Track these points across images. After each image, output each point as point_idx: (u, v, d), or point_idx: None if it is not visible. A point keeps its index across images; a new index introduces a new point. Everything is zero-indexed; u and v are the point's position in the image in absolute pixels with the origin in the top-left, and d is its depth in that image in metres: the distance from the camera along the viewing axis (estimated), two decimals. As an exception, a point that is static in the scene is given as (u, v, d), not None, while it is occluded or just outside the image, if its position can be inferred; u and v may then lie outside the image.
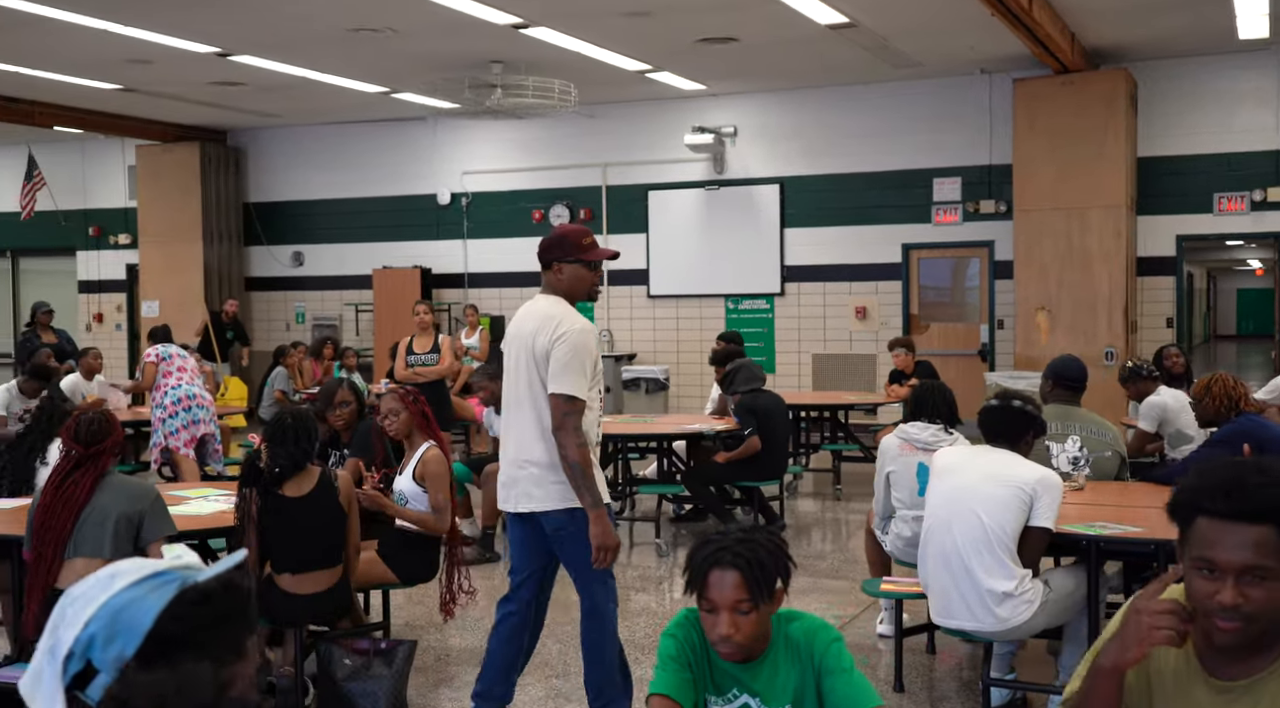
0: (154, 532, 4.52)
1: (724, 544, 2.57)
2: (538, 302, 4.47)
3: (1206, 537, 2.07)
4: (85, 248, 17.60)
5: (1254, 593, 2.05)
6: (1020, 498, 4.40)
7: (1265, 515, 2.04)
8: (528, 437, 4.33)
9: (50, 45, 11.38)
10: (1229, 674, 2.17)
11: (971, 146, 13.48)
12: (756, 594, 2.53)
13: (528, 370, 4.31)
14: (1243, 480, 2.07)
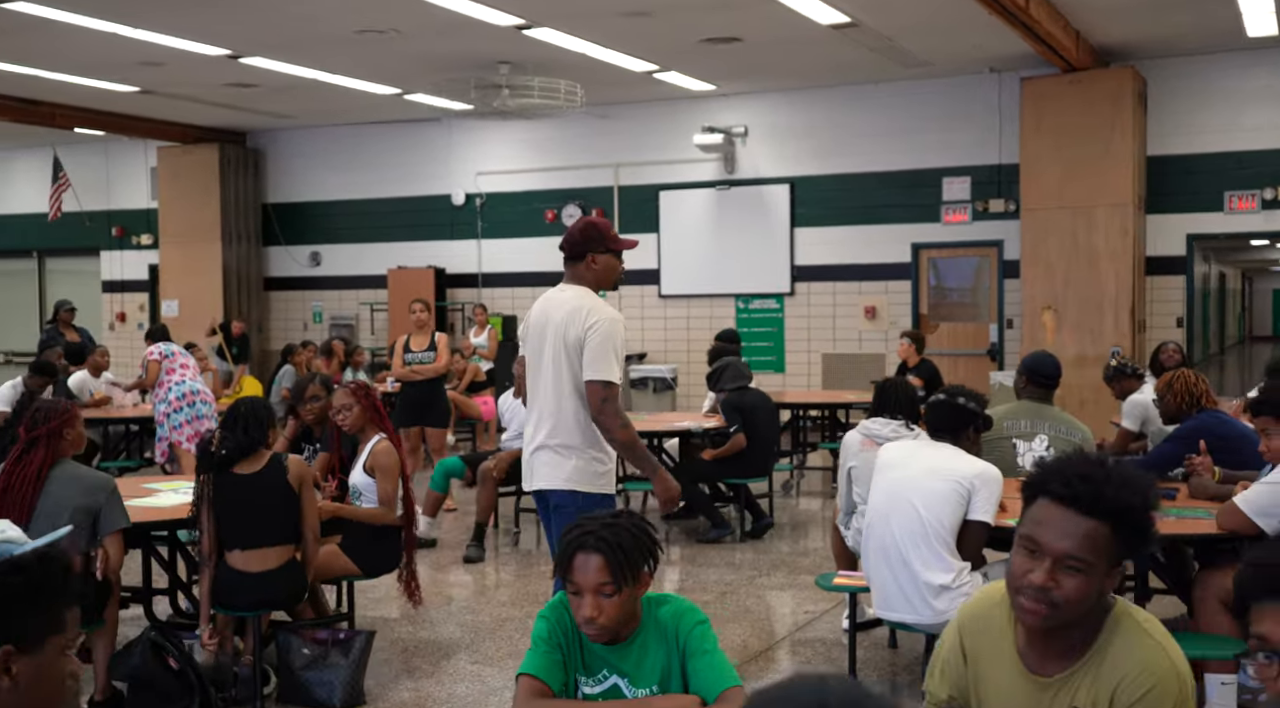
0: (110, 523, 4.63)
1: (589, 529, 2.64)
2: (565, 291, 4.62)
3: (1040, 517, 2.13)
4: (109, 248, 17.87)
5: (1067, 582, 2.10)
6: (958, 492, 4.42)
7: (1100, 512, 2.09)
8: (558, 422, 4.51)
9: (63, 48, 11.59)
10: (1046, 671, 2.24)
11: (981, 146, 13.45)
12: (619, 578, 2.59)
13: (555, 358, 4.50)
14: (1091, 475, 2.12)
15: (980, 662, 2.34)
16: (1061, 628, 2.19)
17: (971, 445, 4.66)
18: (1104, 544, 2.12)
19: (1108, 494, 2.11)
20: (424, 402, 9.40)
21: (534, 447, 4.57)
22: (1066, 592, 2.11)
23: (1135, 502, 2.14)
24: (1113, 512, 2.11)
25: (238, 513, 4.82)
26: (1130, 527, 2.15)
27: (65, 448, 4.68)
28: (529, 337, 4.68)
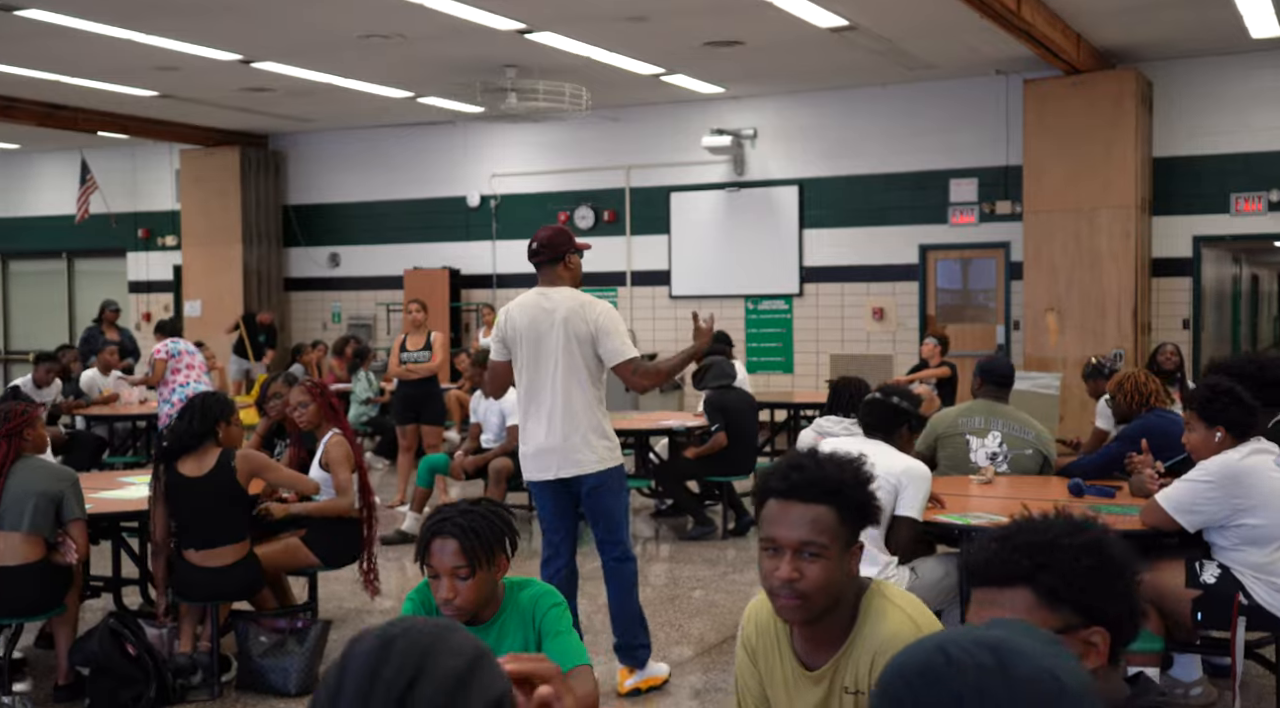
0: (74, 511, 4.84)
1: (446, 516, 2.79)
2: (553, 294, 5.03)
3: (770, 516, 2.24)
4: (135, 249, 18.22)
5: (809, 570, 2.20)
6: (885, 488, 4.51)
7: (820, 496, 2.20)
8: (581, 410, 4.92)
9: (80, 53, 11.86)
10: (816, 663, 2.36)
11: (988, 148, 13.49)
12: (474, 561, 2.73)
13: (567, 354, 4.92)
14: (802, 464, 2.24)
15: (766, 669, 2.46)
16: (822, 618, 2.30)
17: (905, 444, 4.76)
18: (831, 525, 2.22)
19: (820, 478, 2.22)
20: (420, 400, 9.57)
21: (559, 438, 4.93)
22: (811, 579, 2.21)
23: (847, 479, 2.25)
24: (829, 493, 2.22)
25: (190, 515, 4.99)
26: (850, 504, 2.26)
27: (26, 446, 4.88)
28: (520, 339, 4.99)
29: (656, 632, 5.73)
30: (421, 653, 1.21)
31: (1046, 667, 1.23)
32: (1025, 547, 1.79)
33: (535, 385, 4.99)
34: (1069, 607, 1.76)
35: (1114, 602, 1.77)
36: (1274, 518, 4.30)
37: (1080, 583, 1.76)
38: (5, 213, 19.20)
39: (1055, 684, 1.21)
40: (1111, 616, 1.77)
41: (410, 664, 1.20)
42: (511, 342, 5.07)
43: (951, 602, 4.76)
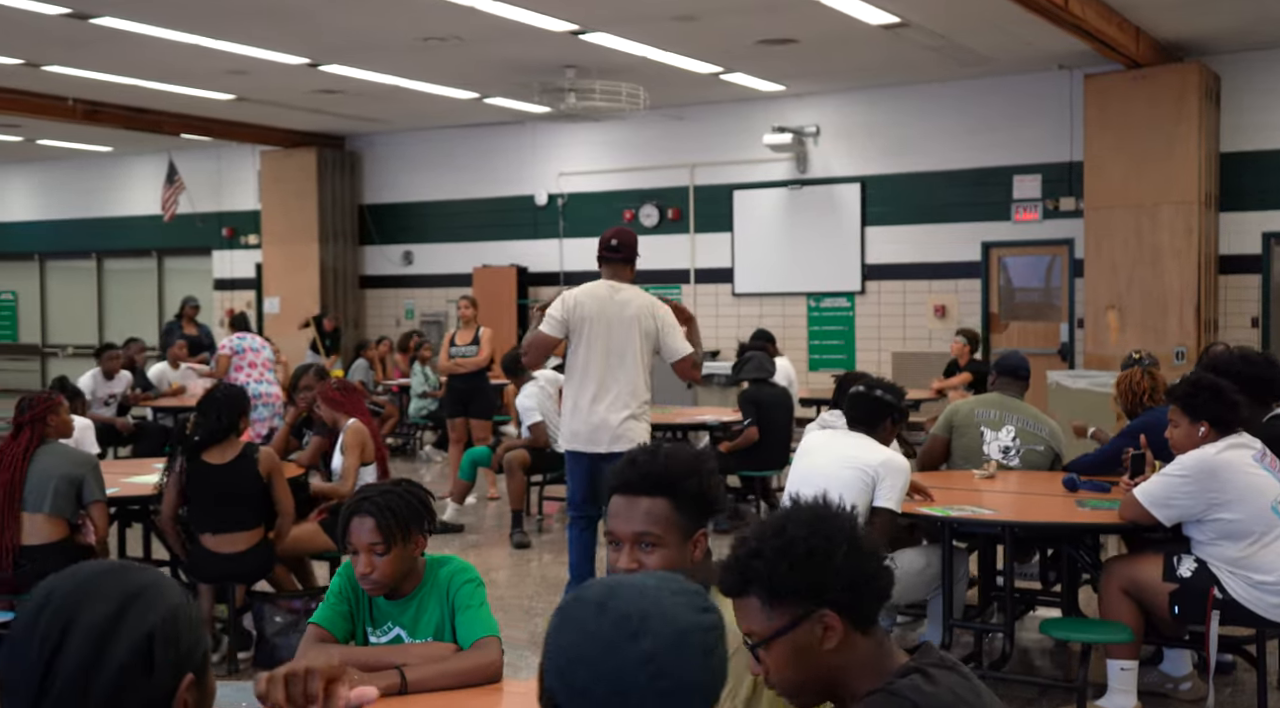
0: (91, 494, 5.13)
1: (366, 496, 2.97)
2: (623, 290, 5.72)
3: (612, 511, 2.36)
4: (219, 247, 18.81)
5: (647, 559, 2.31)
6: (863, 480, 4.61)
7: (655, 489, 2.31)
8: (630, 396, 5.58)
9: (155, 57, 12.31)
10: None
11: (1052, 143, 13.35)
12: (390, 537, 2.91)
13: (632, 343, 5.59)
14: (637, 459, 2.35)
15: None
16: None
17: (888, 436, 4.82)
18: (666, 516, 2.32)
19: (654, 472, 2.32)
20: (469, 393, 9.81)
21: (616, 418, 5.58)
22: (651, 568, 2.32)
23: (679, 472, 2.34)
24: (663, 486, 2.32)
25: (209, 501, 5.25)
26: (685, 496, 2.35)
27: (49, 432, 5.18)
28: (587, 324, 5.60)
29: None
30: (69, 610, 1.34)
31: (640, 608, 1.48)
32: (738, 561, 1.92)
33: (596, 367, 5.58)
34: (791, 600, 1.87)
35: (824, 587, 1.86)
36: (1249, 513, 4.30)
37: (786, 582, 1.86)
38: (100, 213, 19.94)
39: (638, 623, 1.47)
40: (830, 598, 1.87)
41: (57, 624, 1.32)
42: (575, 325, 5.61)
43: (935, 591, 4.81)
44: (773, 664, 1.90)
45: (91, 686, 1.31)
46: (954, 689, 1.80)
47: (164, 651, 1.36)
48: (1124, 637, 4.39)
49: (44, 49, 11.99)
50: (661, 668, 1.47)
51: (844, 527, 1.92)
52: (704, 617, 1.53)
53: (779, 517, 1.95)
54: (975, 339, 10.86)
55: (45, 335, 21.10)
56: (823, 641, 1.87)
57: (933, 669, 1.83)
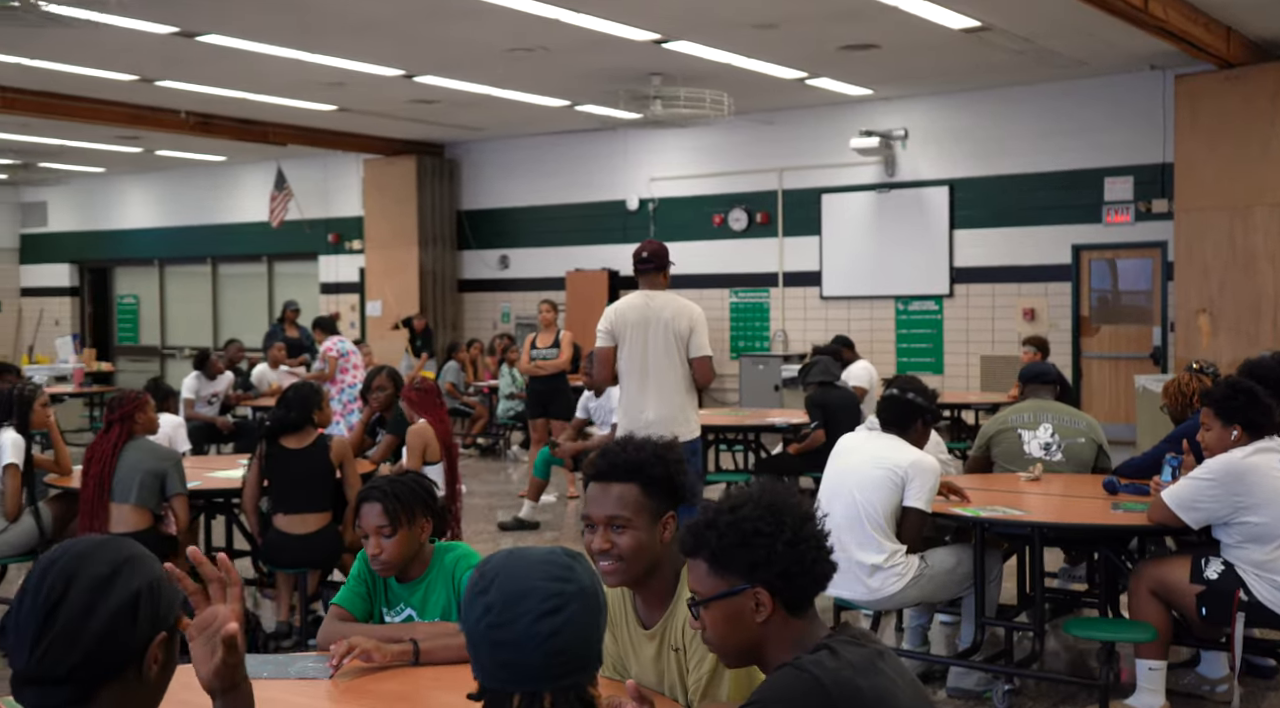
0: (175, 487, 5.51)
1: (375, 485, 3.25)
2: (657, 297, 6.19)
3: (589, 496, 2.60)
4: (325, 252, 19.45)
5: (619, 540, 2.54)
6: (892, 480, 4.74)
7: (625, 475, 2.54)
8: (675, 392, 6.06)
9: (259, 72, 12.84)
10: (651, 622, 2.69)
11: (1144, 145, 13.19)
12: (395, 520, 3.18)
13: (669, 346, 6.03)
14: (610, 450, 2.58)
15: (617, 630, 2.79)
16: (645, 580, 2.62)
17: (919, 438, 4.95)
18: (636, 500, 2.54)
19: (622, 461, 2.54)
20: (548, 395, 10.09)
21: (665, 412, 6.01)
22: (622, 548, 2.55)
23: (647, 459, 2.56)
24: (631, 472, 2.54)
25: (284, 481, 5.61)
26: (652, 481, 2.56)
27: (137, 428, 5.57)
28: (629, 331, 6.07)
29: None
30: (72, 568, 1.67)
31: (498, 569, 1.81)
32: (695, 527, 2.14)
33: (643, 369, 6.04)
34: (731, 572, 2.08)
35: (763, 567, 2.06)
36: (1275, 516, 4.34)
37: (730, 555, 2.08)
38: (214, 220, 20.75)
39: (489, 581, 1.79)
40: (767, 577, 2.06)
41: (63, 576, 1.66)
42: (620, 333, 6.12)
43: (968, 590, 4.92)
44: (709, 623, 2.12)
45: (86, 627, 1.63)
46: (853, 663, 1.97)
47: (146, 607, 1.68)
48: (1145, 636, 4.45)
49: (156, 65, 12.58)
50: (496, 620, 1.75)
51: (793, 518, 2.10)
52: (551, 585, 1.76)
53: (741, 495, 2.15)
54: (1045, 346, 10.82)
55: (164, 337, 22.01)
56: (755, 613, 2.07)
57: (840, 646, 2.01)
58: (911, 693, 2.04)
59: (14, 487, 5.78)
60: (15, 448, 5.80)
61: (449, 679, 2.82)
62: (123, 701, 1.68)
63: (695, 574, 2.13)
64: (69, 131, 16.49)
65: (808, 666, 1.96)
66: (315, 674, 2.89)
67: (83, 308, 22.98)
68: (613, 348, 6.16)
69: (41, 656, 1.62)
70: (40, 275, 23.18)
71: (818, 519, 2.14)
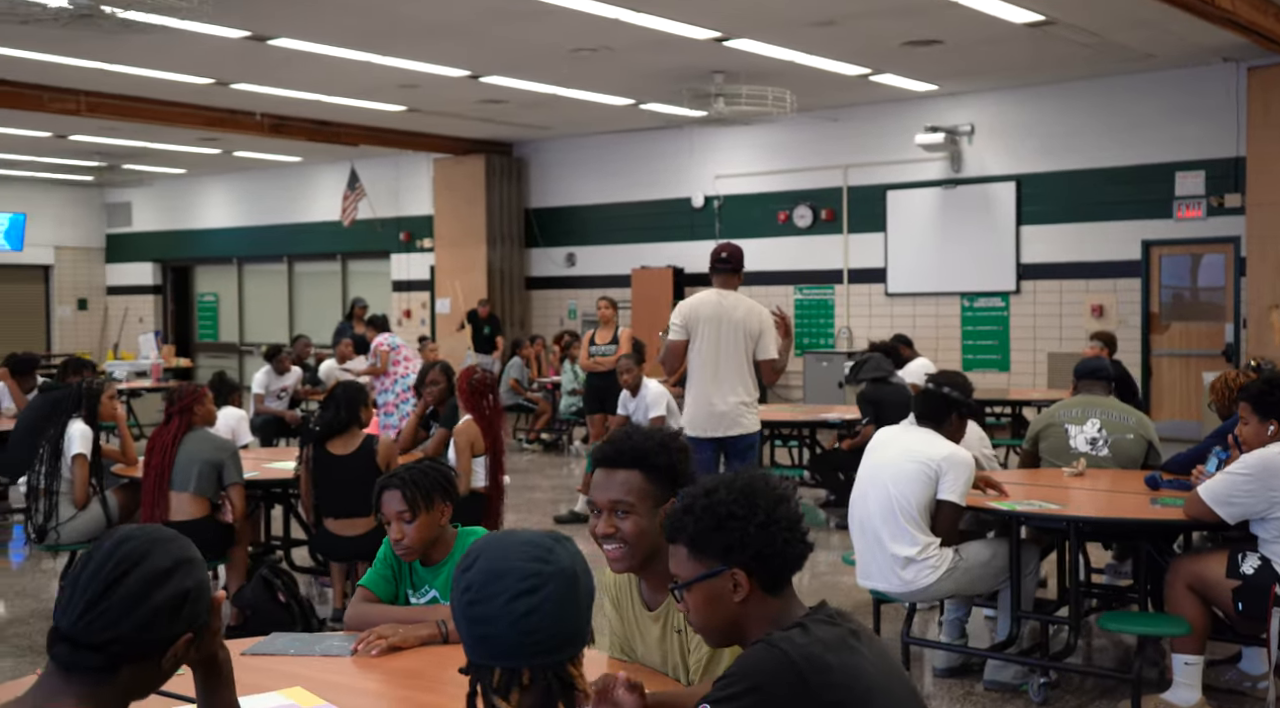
0: (232, 476, 5.70)
1: (395, 473, 3.38)
2: (729, 296, 6.53)
3: (594, 483, 2.69)
4: (397, 251, 19.77)
5: (622, 525, 2.63)
6: (925, 473, 4.78)
7: (628, 462, 2.63)
8: (740, 385, 6.41)
9: (331, 74, 13.12)
10: (655, 604, 2.77)
11: (1216, 138, 12.98)
12: (414, 505, 3.31)
13: (739, 343, 6.40)
14: (615, 437, 2.67)
15: (624, 612, 2.88)
16: (647, 564, 2.70)
17: (955, 431, 4.98)
18: (639, 486, 2.62)
19: (627, 448, 2.62)
20: (606, 391, 10.21)
21: (736, 403, 6.40)
22: (626, 532, 2.63)
23: (650, 447, 2.63)
24: (635, 460, 2.62)
25: (332, 488, 5.76)
26: (654, 467, 2.64)
27: (196, 420, 5.77)
28: (701, 325, 6.43)
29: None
30: (139, 554, 1.83)
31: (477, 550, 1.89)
32: (674, 514, 2.22)
33: (715, 363, 6.40)
34: (709, 555, 2.16)
35: (740, 549, 2.14)
36: (1311, 511, 4.32)
37: (708, 537, 2.15)
38: (290, 219, 21.19)
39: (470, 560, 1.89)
40: (743, 559, 2.14)
41: (128, 560, 1.81)
42: (693, 327, 6.47)
43: (1003, 584, 4.94)
44: (691, 605, 2.20)
45: (134, 612, 1.78)
46: (824, 640, 2.04)
47: (189, 607, 1.84)
48: (1178, 630, 4.45)
49: (231, 68, 12.91)
50: (474, 597, 1.84)
51: (766, 501, 2.17)
52: (530, 565, 1.85)
53: (717, 481, 2.22)
54: (1112, 342, 10.68)
55: (242, 334, 22.51)
56: (733, 594, 2.15)
57: (813, 624, 2.08)
58: (885, 672, 2.10)
59: (82, 476, 6.02)
60: (84, 439, 6.04)
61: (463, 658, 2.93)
62: (138, 682, 1.83)
63: (676, 559, 2.21)
64: (151, 134, 16.95)
65: (778, 641, 2.03)
66: (339, 653, 3.01)
67: (165, 306, 23.59)
68: (685, 341, 6.50)
69: (90, 621, 1.76)
70: (125, 274, 23.83)
71: (793, 502, 2.20)
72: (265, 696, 2.66)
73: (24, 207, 22.31)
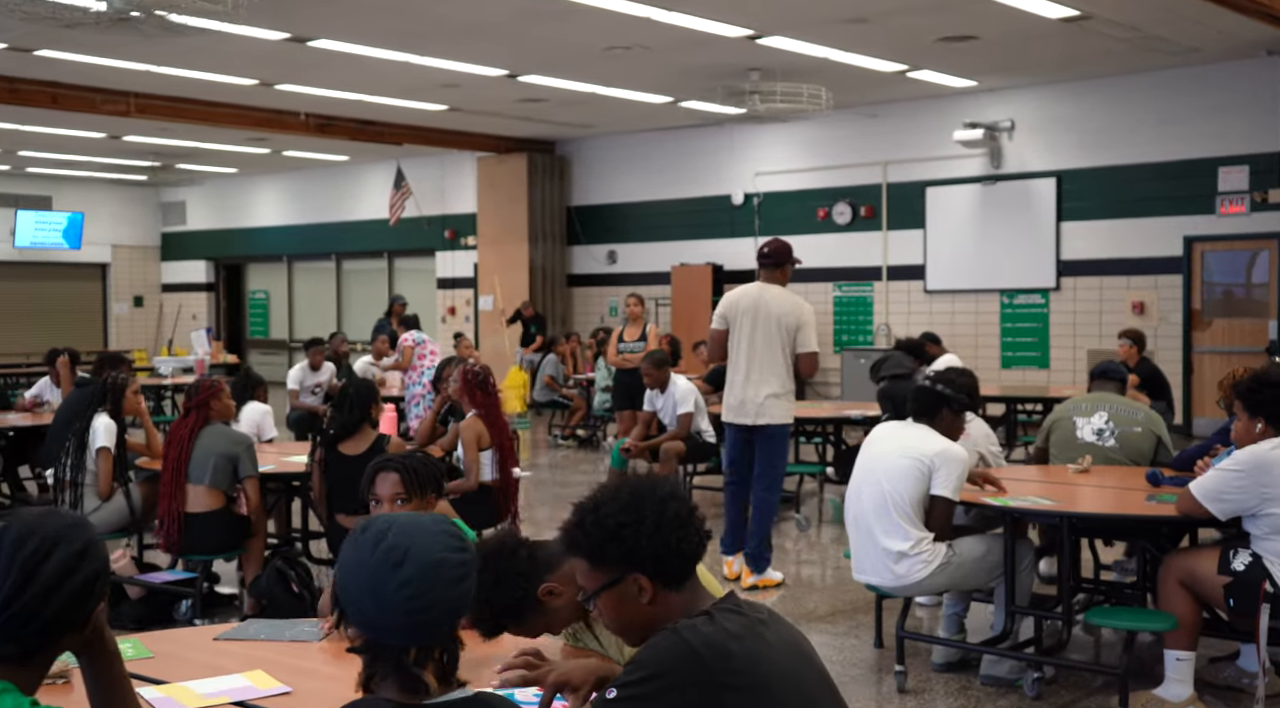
0: (246, 470, 5.85)
1: (390, 457, 3.51)
2: (771, 289, 6.76)
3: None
4: (442, 249, 19.98)
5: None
6: (919, 468, 4.81)
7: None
8: (772, 377, 6.62)
9: (372, 75, 13.30)
10: None
11: (1260, 133, 12.82)
12: (411, 489, 3.45)
13: (776, 335, 6.63)
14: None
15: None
16: None
17: (948, 427, 5.00)
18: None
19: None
20: (634, 387, 10.28)
21: (765, 394, 6.62)
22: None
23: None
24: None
25: (344, 487, 5.86)
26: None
27: (213, 414, 5.93)
28: (740, 318, 6.69)
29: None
30: (54, 539, 1.93)
31: (405, 543, 1.91)
32: (567, 529, 2.30)
33: (748, 353, 6.66)
34: (607, 565, 2.24)
35: (636, 557, 2.21)
36: (1301, 508, 4.30)
37: (602, 551, 2.23)
38: (338, 217, 21.48)
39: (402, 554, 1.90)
40: (640, 562, 2.21)
41: (45, 545, 1.91)
42: (732, 318, 6.74)
43: (998, 579, 4.96)
44: (604, 610, 2.28)
45: (60, 588, 1.89)
46: (727, 628, 2.11)
47: (99, 583, 1.96)
48: (1163, 625, 4.45)
49: (274, 70, 13.14)
50: (415, 591, 1.88)
51: (653, 506, 2.23)
52: (457, 555, 1.92)
53: (602, 493, 2.29)
54: (1141, 339, 10.60)
55: (291, 331, 22.85)
56: (639, 596, 2.23)
57: (719, 613, 2.15)
58: (791, 657, 2.16)
59: (106, 468, 6.20)
60: (108, 432, 6.22)
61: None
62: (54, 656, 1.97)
63: (580, 571, 2.29)
64: (201, 134, 17.27)
65: (682, 630, 2.11)
66: (308, 638, 3.12)
67: (217, 303, 24.01)
68: (725, 331, 6.80)
69: (17, 609, 1.86)
70: (179, 272, 24.28)
71: (680, 498, 2.26)
72: (225, 678, 2.77)
73: (82, 206, 22.82)
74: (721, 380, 10.46)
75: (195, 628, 3.32)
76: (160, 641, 3.15)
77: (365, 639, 1.95)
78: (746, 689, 2.07)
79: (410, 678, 1.91)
